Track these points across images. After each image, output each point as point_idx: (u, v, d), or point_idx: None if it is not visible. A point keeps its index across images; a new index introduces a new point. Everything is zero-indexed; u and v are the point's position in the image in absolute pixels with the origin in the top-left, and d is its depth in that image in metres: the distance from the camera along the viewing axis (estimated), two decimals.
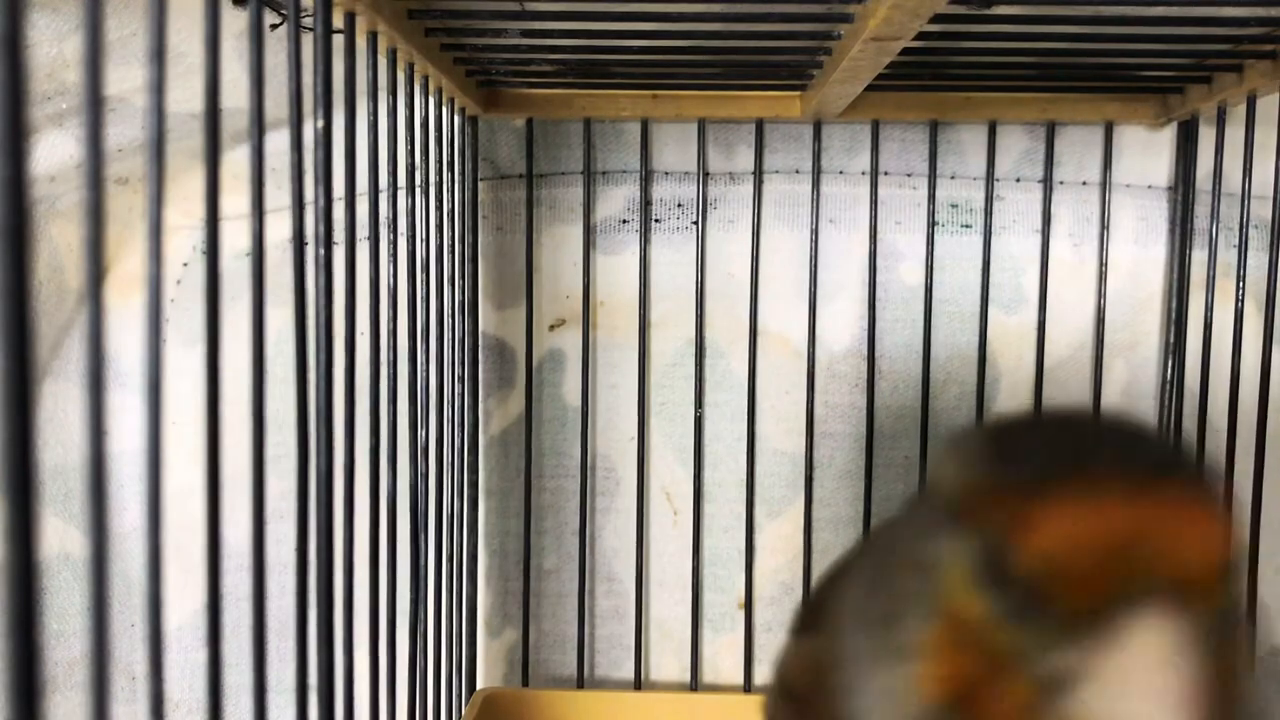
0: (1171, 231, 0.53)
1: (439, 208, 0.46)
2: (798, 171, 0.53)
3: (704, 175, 0.53)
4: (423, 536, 0.44)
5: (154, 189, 0.23)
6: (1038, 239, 0.53)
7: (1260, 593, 0.46)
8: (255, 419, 0.27)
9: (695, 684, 0.55)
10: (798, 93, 0.50)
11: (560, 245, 0.54)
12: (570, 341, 0.54)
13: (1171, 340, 0.53)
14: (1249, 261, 0.47)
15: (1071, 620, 0.20)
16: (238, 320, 0.27)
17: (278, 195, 0.42)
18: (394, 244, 0.40)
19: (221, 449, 0.25)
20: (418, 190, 0.43)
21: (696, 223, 0.53)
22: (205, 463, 0.25)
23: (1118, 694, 0.20)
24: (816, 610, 0.29)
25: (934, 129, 0.52)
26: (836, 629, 0.26)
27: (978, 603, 0.22)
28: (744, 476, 0.54)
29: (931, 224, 0.53)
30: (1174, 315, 0.52)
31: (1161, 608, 0.20)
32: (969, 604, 0.22)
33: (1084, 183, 0.53)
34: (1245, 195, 0.48)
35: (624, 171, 0.53)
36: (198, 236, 0.51)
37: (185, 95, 0.38)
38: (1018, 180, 0.53)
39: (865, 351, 0.54)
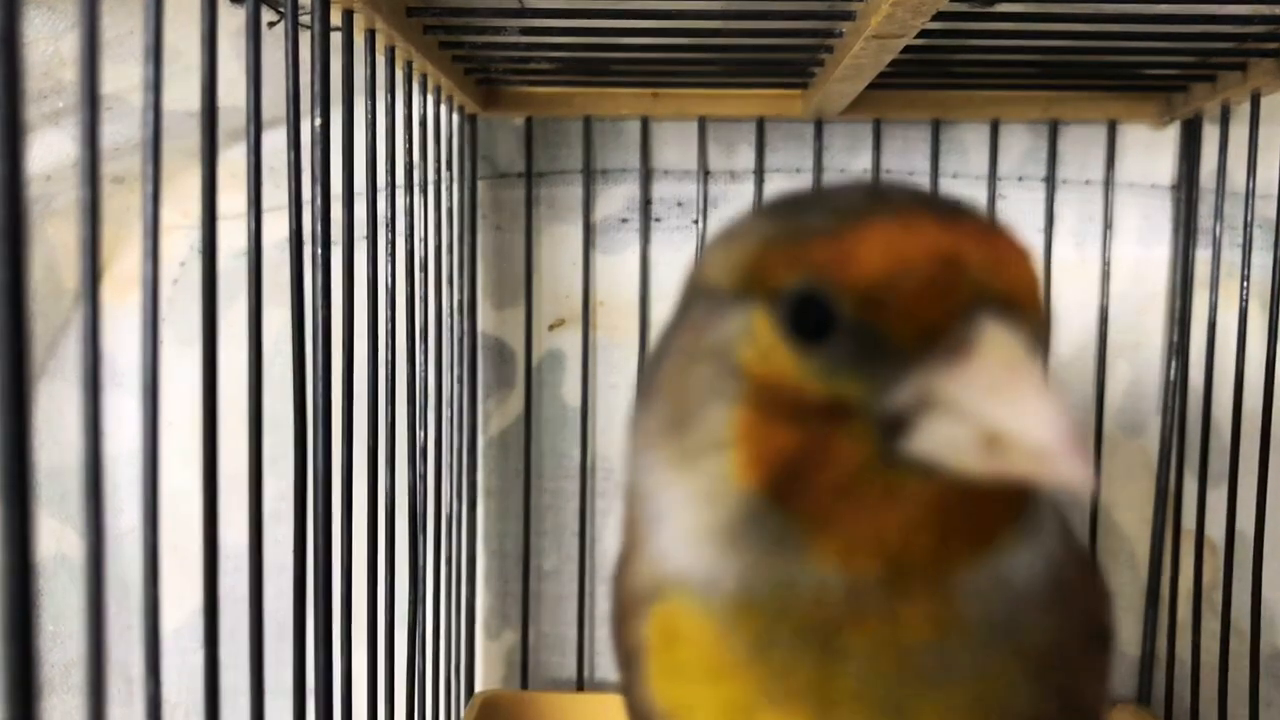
0: (1175, 231, 0.53)
1: (437, 207, 0.46)
2: (799, 170, 0.53)
3: (704, 174, 0.53)
4: (422, 537, 0.44)
5: (151, 188, 0.22)
6: (1040, 238, 0.53)
7: (1263, 593, 0.46)
8: (253, 419, 0.27)
9: None
10: (799, 91, 0.50)
11: (560, 245, 0.54)
12: (570, 341, 0.54)
13: (1175, 340, 0.52)
14: (1253, 261, 0.47)
15: (912, 346, 0.19)
16: (235, 320, 0.27)
17: (275, 194, 0.42)
18: (392, 243, 0.40)
19: (219, 450, 0.25)
20: (416, 189, 0.43)
21: (697, 221, 0.53)
22: (202, 463, 0.25)
23: (983, 400, 0.18)
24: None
25: (936, 127, 0.52)
26: (632, 466, 0.24)
27: (791, 365, 0.20)
28: None
29: None
30: (1178, 315, 0.52)
31: (1000, 317, 0.19)
32: (780, 370, 0.20)
33: (1087, 182, 0.53)
34: (1249, 194, 0.47)
35: (624, 170, 0.53)
36: (195, 236, 0.51)
37: (182, 93, 0.38)
38: (1020, 179, 0.53)
39: None
